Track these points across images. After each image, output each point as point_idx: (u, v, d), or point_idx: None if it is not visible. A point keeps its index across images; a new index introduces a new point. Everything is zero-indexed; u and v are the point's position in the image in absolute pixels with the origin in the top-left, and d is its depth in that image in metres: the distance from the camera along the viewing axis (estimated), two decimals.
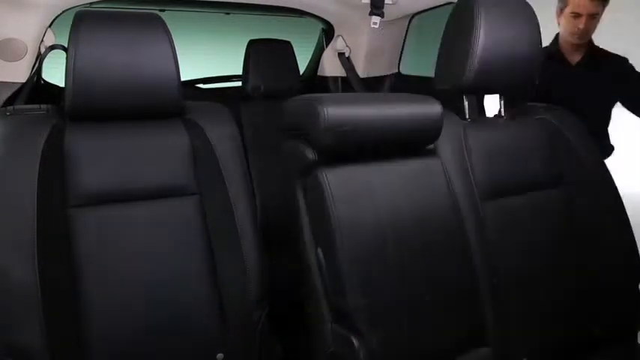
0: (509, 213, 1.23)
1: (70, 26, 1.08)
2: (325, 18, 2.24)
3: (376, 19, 1.81)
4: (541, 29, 1.28)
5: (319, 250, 1.06)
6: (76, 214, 1.06)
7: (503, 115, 1.37)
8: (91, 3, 1.70)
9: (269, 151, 2.01)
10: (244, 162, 1.25)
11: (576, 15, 1.81)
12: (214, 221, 1.16)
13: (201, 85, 2.33)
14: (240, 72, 2.18)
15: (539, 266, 1.25)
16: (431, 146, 1.19)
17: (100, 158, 1.10)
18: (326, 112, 1.01)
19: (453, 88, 1.26)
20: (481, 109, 1.49)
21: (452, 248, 1.14)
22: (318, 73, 2.44)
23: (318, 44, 2.45)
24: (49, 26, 1.63)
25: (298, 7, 2.10)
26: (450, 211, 1.15)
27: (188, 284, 1.12)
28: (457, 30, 1.24)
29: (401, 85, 2.33)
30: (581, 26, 1.82)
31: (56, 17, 1.66)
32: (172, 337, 1.09)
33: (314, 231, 1.07)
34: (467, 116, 1.30)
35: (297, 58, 2.22)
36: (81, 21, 1.08)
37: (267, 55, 2.14)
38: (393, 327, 1.04)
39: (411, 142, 1.16)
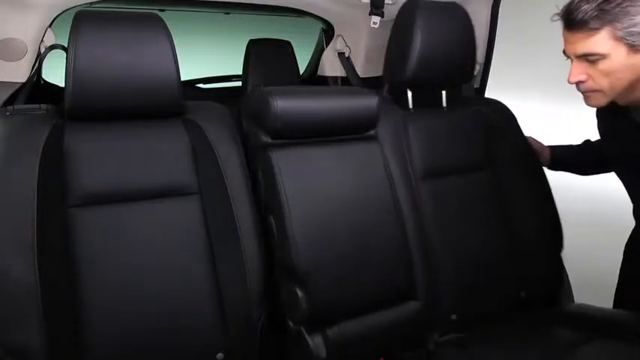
0: (443, 191, 1.41)
1: (70, 26, 1.08)
2: (325, 18, 2.23)
3: (376, 19, 1.80)
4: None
5: (271, 218, 1.22)
6: (75, 213, 1.06)
7: (444, 106, 1.53)
8: (91, 3, 1.69)
9: None
10: (244, 162, 1.25)
11: None
12: (214, 221, 1.16)
13: (201, 85, 2.33)
14: (240, 72, 2.18)
15: (470, 236, 1.41)
16: (372, 132, 1.37)
17: (100, 158, 1.10)
18: (276, 103, 1.21)
19: (397, 82, 1.46)
20: (428, 101, 1.63)
21: (388, 220, 1.30)
22: (318, 73, 2.44)
23: (318, 44, 2.45)
24: (49, 26, 1.63)
25: (298, 7, 2.09)
26: (386, 188, 1.32)
27: (188, 284, 1.12)
28: (400, 33, 1.43)
29: None
30: None
31: (56, 17, 1.66)
32: (172, 337, 1.09)
33: (268, 202, 1.23)
34: (410, 107, 1.47)
35: (297, 58, 2.22)
36: (81, 21, 1.08)
37: (267, 55, 2.14)
38: (333, 281, 1.19)
39: (350, 128, 1.34)
